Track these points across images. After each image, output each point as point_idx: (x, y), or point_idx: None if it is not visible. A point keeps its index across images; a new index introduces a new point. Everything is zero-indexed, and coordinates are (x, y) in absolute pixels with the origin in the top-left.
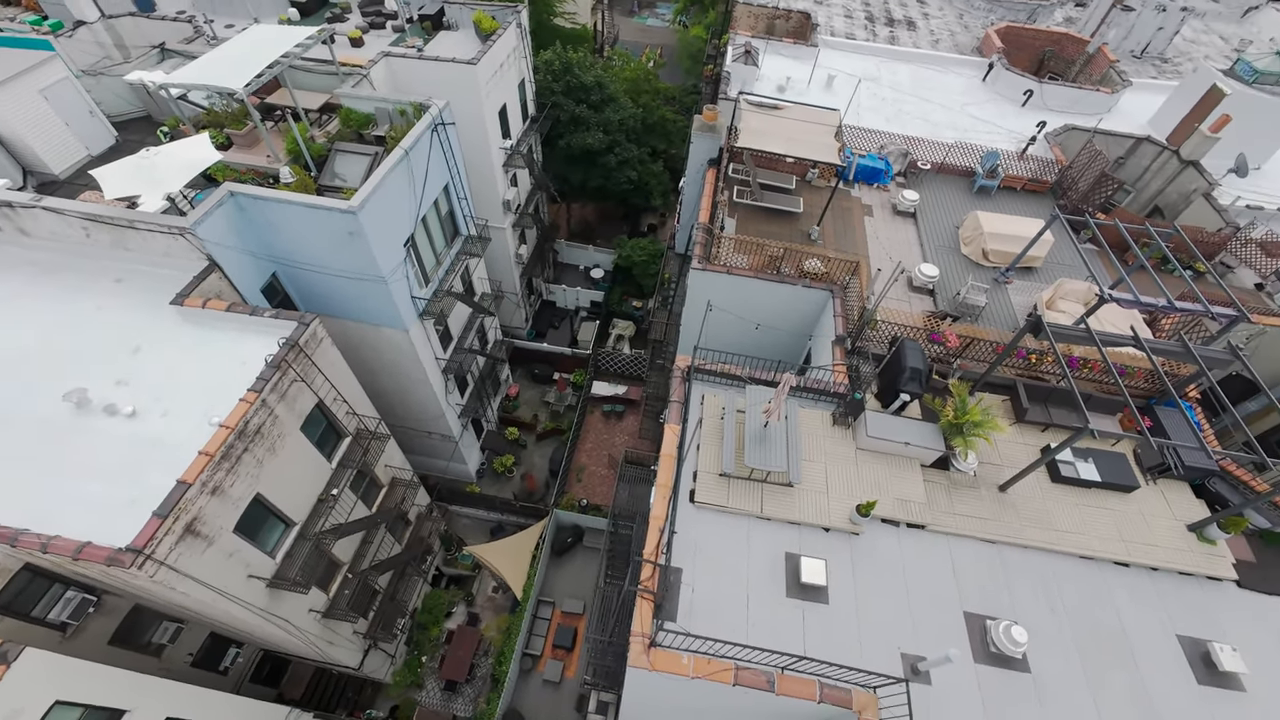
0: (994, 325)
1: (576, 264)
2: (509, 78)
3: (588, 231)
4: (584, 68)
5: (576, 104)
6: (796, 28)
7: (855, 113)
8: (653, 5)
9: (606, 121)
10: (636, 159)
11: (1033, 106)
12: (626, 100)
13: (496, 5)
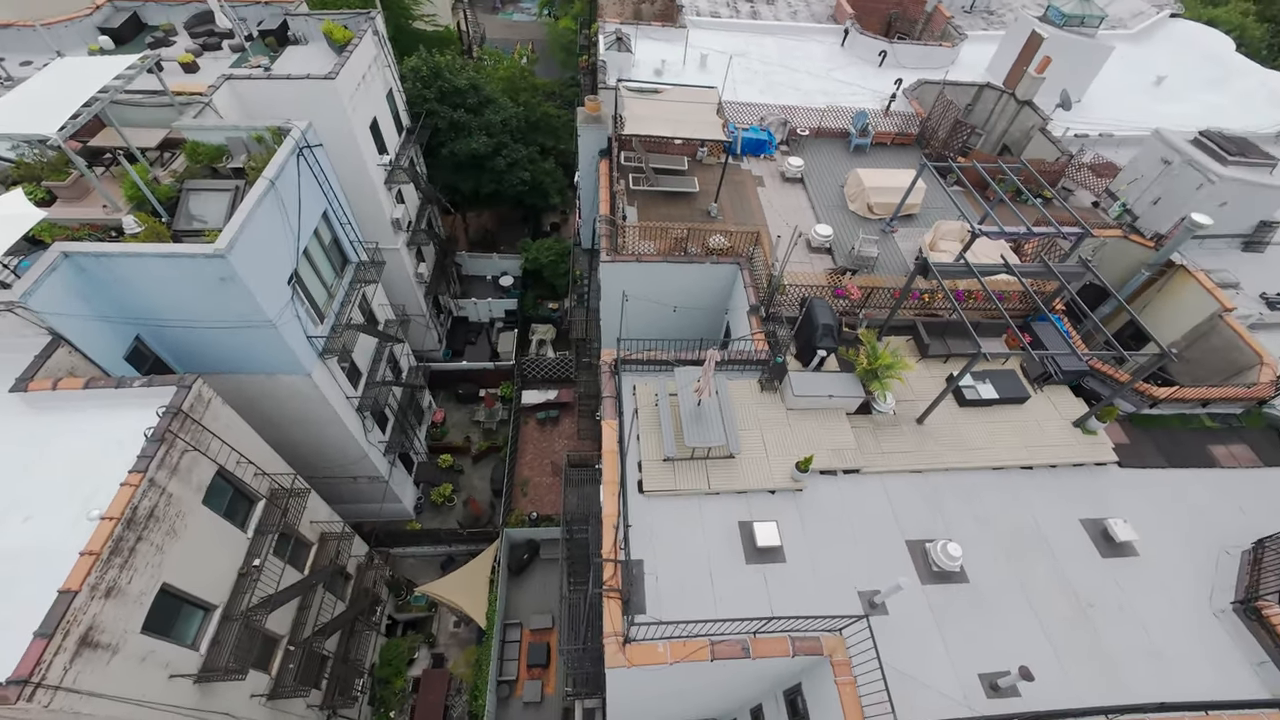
0: (888, 273)
1: (483, 274)
2: (375, 89)
3: (489, 239)
4: (455, 71)
5: (454, 109)
6: (663, 10)
7: (731, 88)
8: (516, 0)
9: (488, 124)
10: (526, 159)
11: (888, 66)
12: (505, 100)
13: (346, 13)
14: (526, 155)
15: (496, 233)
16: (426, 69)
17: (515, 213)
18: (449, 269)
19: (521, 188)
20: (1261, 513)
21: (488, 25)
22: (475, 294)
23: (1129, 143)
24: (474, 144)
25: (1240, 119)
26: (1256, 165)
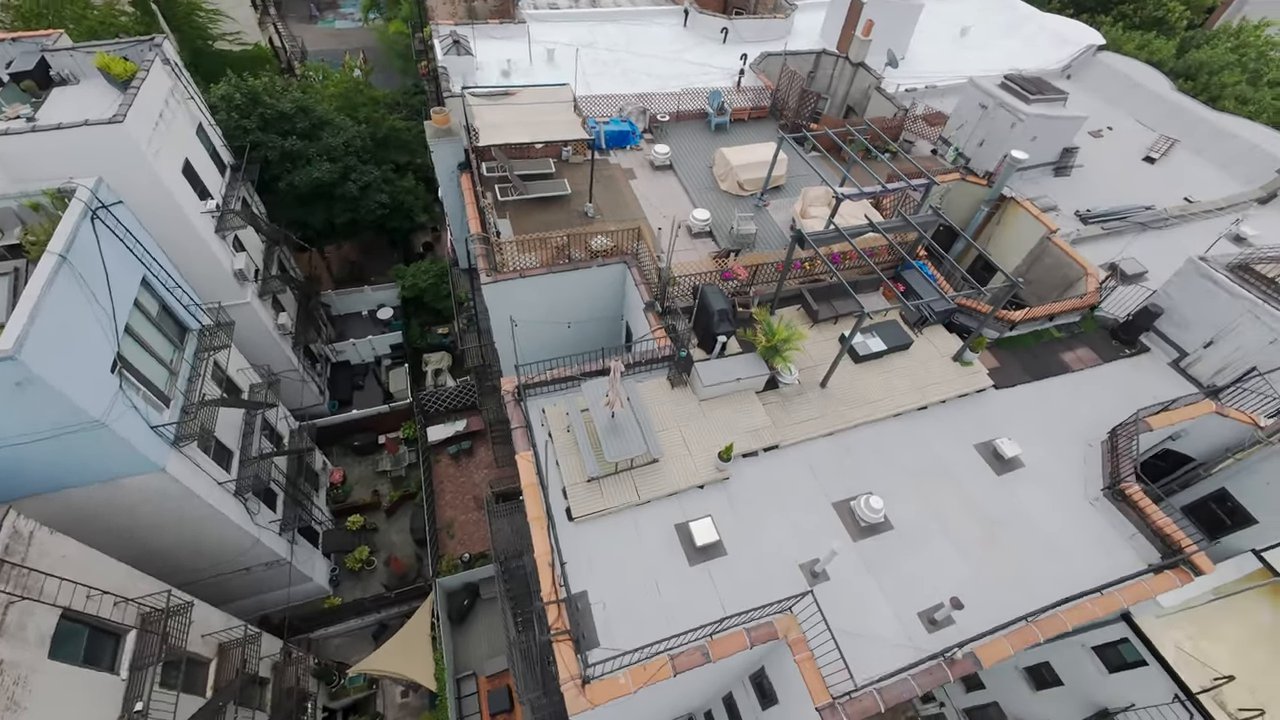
0: (768, 246)
1: (357, 310)
2: (180, 127)
3: (357, 272)
4: (276, 94)
5: (283, 137)
6: (498, 7)
7: (585, 82)
8: (335, 5)
9: (328, 149)
10: (380, 179)
11: (732, 42)
12: (344, 119)
13: (122, 43)
14: (380, 175)
15: (364, 263)
16: (240, 95)
17: (381, 239)
18: (316, 313)
19: (381, 212)
20: (1108, 404)
21: (307, 36)
22: (353, 334)
23: (950, 91)
24: (315, 172)
25: (1033, 59)
26: (1053, 100)
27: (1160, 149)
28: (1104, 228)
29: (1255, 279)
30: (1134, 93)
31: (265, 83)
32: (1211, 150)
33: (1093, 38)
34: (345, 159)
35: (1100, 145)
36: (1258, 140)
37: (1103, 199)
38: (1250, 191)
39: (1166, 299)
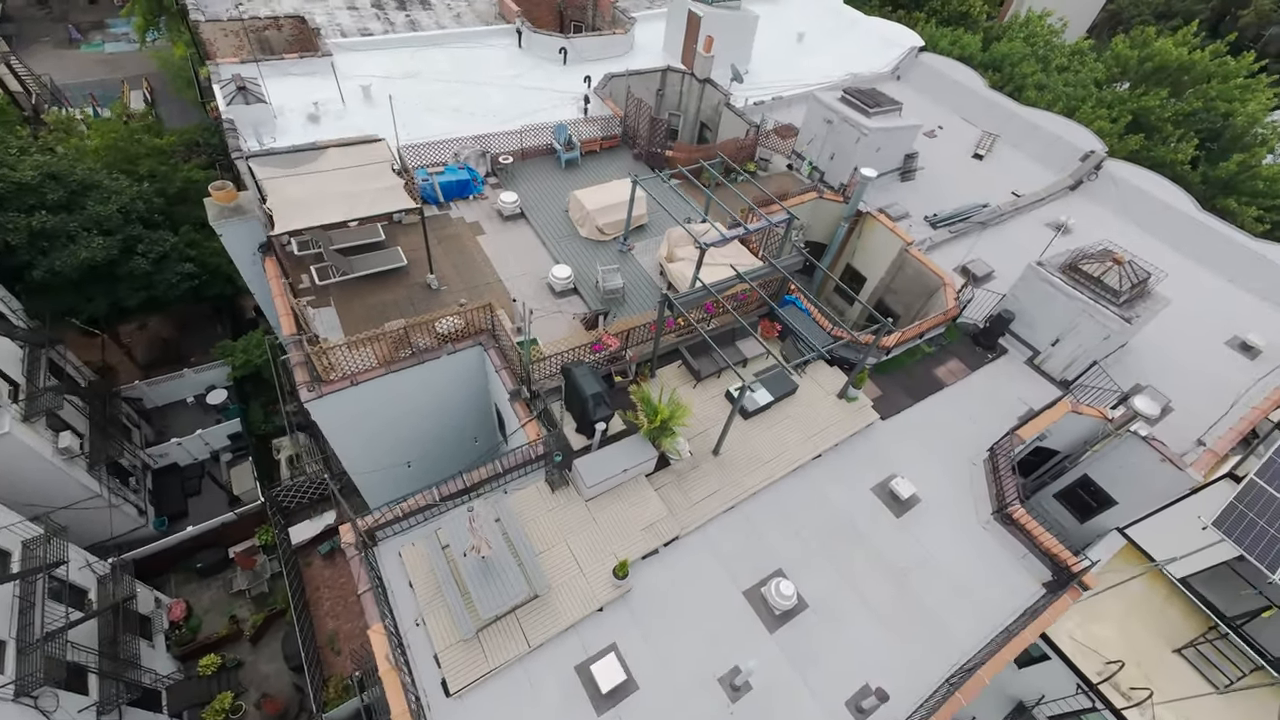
0: (640, 297)
1: (181, 398)
2: None
3: (172, 351)
4: (9, 159)
5: (28, 214)
6: (296, 37)
7: (412, 122)
8: (102, 26)
9: (98, 219)
10: (182, 244)
11: (573, 62)
12: (117, 179)
13: None
14: (181, 239)
15: (180, 340)
16: None
17: (199, 308)
18: (117, 415)
19: (188, 284)
20: (983, 414)
21: (71, 65)
22: (177, 429)
23: (797, 100)
24: (83, 252)
25: (865, 62)
26: (890, 111)
27: (985, 145)
28: (951, 231)
29: (1084, 279)
30: (955, 90)
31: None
32: (1027, 143)
33: (913, 40)
34: (126, 228)
35: (936, 145)
36: (1059, 132)
37: (946, 200)
38: (1063, 180)
39: (1015, 302)
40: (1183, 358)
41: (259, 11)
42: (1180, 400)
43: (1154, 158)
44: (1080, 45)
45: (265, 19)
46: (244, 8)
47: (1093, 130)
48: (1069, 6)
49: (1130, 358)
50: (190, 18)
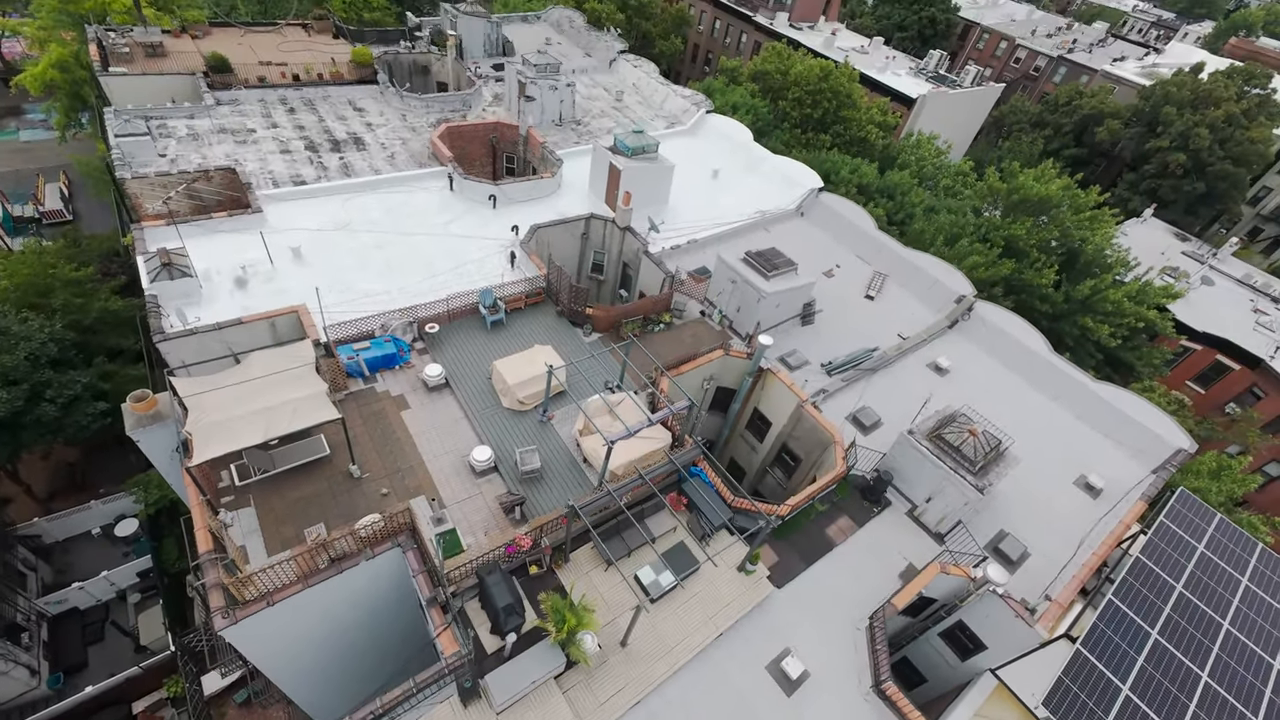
0: (557, 472)
1: (87, 529)
2: None
3: (79, 477)
4: None
5: None
6: (226, 189)
7: (344, 279)
8: (18, 112)
9: (1, 370)
10: (96, 377)
11: (503, 205)
12: (28, 318)
13: None
14: (96, 373)
15: (87, 466)
16: None
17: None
18: (11, 562)
19: (100, 422)
20: (869, 572)
21: None
22: (80, 566)
23: (710, 242)
24: None
25: (773, 198)
26: (786, 272)
27: (876, 286)
28: (843, 379)
29: (946, 448)
30: (851, 230)
31: None
32: (911, 283)
33: (813, 180)
34: (34, 375)
35: (834, 285)
36: (938, 275)
37: (841, 342)
38: (941, 321)
39: (894, 462)
40: (1039, 500)
41: (190, 158)
42: (1037, 543)
43: (1024, 280)
44: (963, 166)
45: (195, 172)
46: (174, 159)
47: (969, 264)
48: (955, 122)
49: (997, 501)
50: (117, 174)
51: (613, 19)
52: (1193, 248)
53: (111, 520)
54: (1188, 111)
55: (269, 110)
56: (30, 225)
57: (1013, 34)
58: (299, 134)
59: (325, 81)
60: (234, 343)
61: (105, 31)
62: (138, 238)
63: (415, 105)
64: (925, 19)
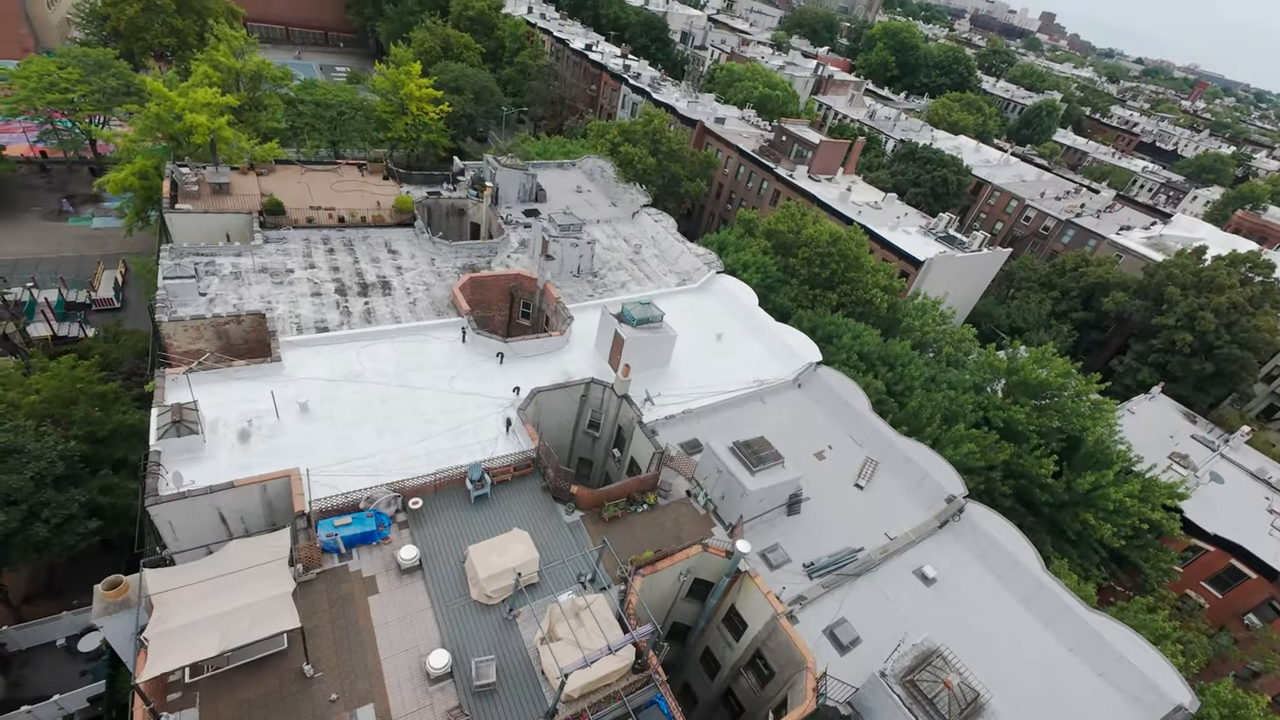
0: (510, 688)
1: (52, 639)
2: None
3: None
4: None
5: None
6: (254, 332)
7: (343, 435)
8: (97, 200)
9: (4, 490)
10: (95, 491)
11: (510, 360)
12: (47, 431)
13: None
14: (96, 484)
15: (66, 572)
16: None
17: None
18: None
19: (89, 540)
20: None
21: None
22: (36, 679)
23: (706, 412)
24: None
25: (772, 367)
26: (773, 467)
27: (866, 474)
28: (824, 585)
29: (920, 699)
30: (845, 411)
31: None
32: (902, 474)
33: (812, 354)
34: (35, 495)
35: (824, 468)
36: (929, 469)
37: (827, 537)
38: (931, 521)
39: (865, 700)
40: None
41: (228, 297)
42: None
43: (1022, 466)
44: (966, 333)
45: (227, 316)
46: (213, 298)
47: (964, 451)
48: (962, 281)
49: None
50: (156, 317)
51: (644, 162)
52: (1203, 431)
53: (79, 631)
54: (1192, 294)
55: (311, 250)
56: (80, 311)
57: (1022, 194)
58: (333, 275)
59: (367, 224)
60: (223, 506)
61: (179, 168)
62: (159, 385)
63: (444, 250)
64: (938, 178)
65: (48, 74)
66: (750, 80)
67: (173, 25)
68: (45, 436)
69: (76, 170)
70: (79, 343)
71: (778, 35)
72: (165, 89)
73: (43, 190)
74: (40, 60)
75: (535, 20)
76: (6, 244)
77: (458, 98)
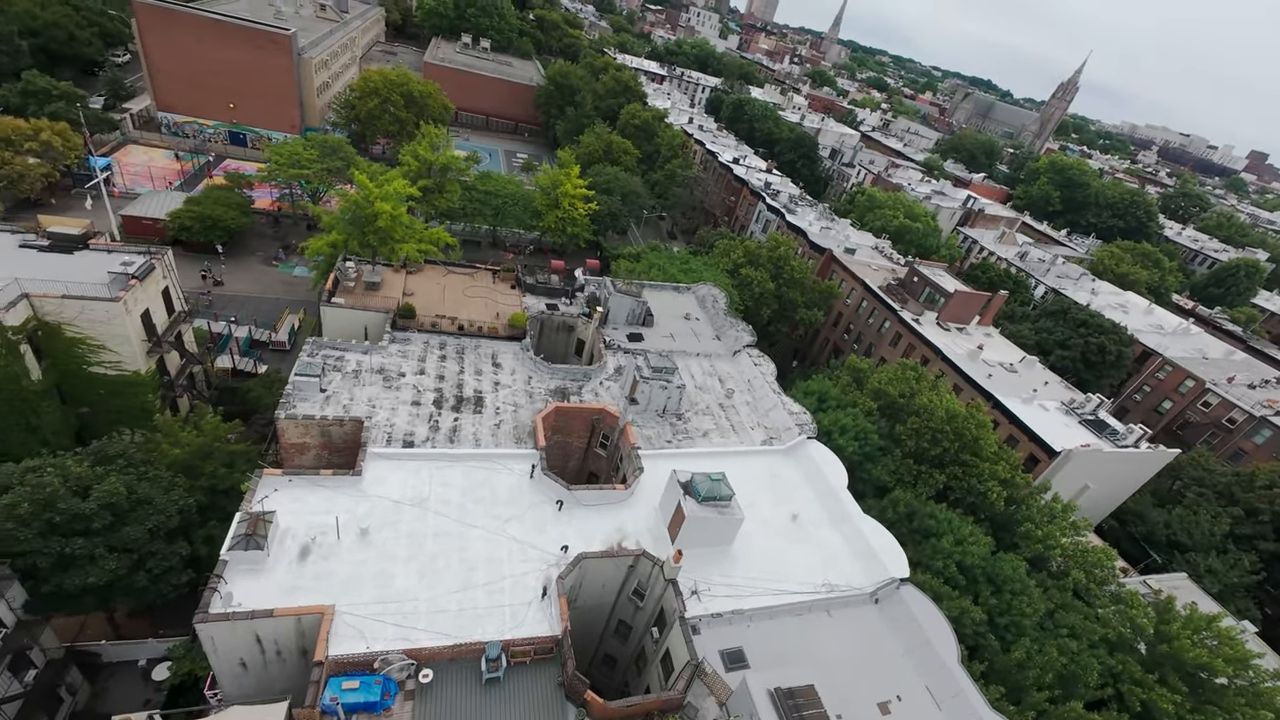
0: None
1: (136, 659)
2: None
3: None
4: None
5: (66, 538)
6: (350, 438)
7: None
8: (303, 251)
9: (125, 540)
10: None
11: (569, 507)
12: (176, 483)
13: None
14: (202, 534)
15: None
16: (29, 504)
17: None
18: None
19: (182, 591)
20: None
21: (263, 280)
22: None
23: (759, 616)
24: (90, 577)
25: (848, 572)
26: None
27: None
28: None
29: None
30: (926, 650)
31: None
32: None
33: (898, 566)
34: (147, 545)
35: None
36: None
37: None
38: None
39: None
40: None
41: (341, 397)
42: None
43: None
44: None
45: (333, 419)
46: (330, 395)
47: None
48: (1108, 478)
49: None
50: (276, 413)
51: (763, 286)
52: None
53: (159, 656)
54: None
55: (427, 354)
56: (259, 349)
57: (1203, 375)
58: (436, 384)
59: (482, 334)
60: (261, 632)
61: (345, 263)
62: (253, 484)
63: (542, 371)
64: (1093, 345)
65: (295, 153)
66: (891, 209)
67: (398, 116)
68: (174, 489)
69: (297, 225)
70: (251, 377)
71: (931, 160)
72: (367, 180)
73: (269, 239)
74: (294, 142)
75: (693, 130)
76: (234, 282)
77: (606, 198)
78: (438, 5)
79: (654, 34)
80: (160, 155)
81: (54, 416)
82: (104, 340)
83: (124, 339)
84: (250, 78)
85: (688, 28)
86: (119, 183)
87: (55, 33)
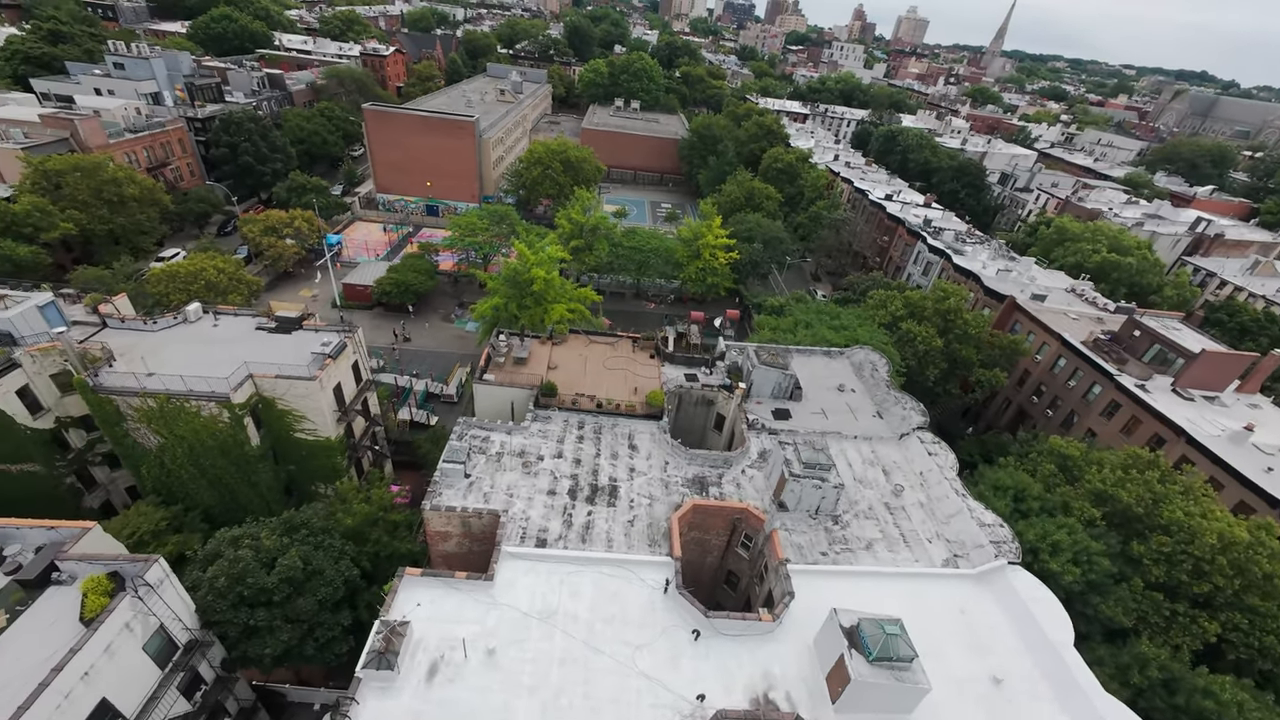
0: None
1: (313, 703)
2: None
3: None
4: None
5: (252, 609)
6: (488, 530)
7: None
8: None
9: (299, 611)
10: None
11: (707, 637)
12: (346, 551)
13: (125, 560)
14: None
15: None
16: (225, 578)
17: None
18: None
19: (342, 659)
20: None
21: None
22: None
23: None
24: (268, 647)
25: None
26: None
27: None
28: None
29: None
30: None
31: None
32: None
33: None
34: (316, 616)
35: None
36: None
37: None
38: None
39: None
40: None
41: (483, 484)
42: None
43: None
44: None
45: (472, 511)
46: (473, 481)
47: None
48: None
49: None
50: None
51: (929, 343)
52: None
53: (332, 703)
54: None
55: (565, 434)
56: (432, 402)
57: None
58: (573, 469)
59: (619, 412)
60: None
61: (497, 338)
62: (395, 585)
63: (679, 457)
64: None
65: (471, 223)
66: (1089, 240)
67: (557, 180)
68: (342, 559)
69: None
70: (426, 429)
71: (1134, 175)
72: (525, 248)
73: (449, 297)
74: (471, 212)
75: (839, 168)
76: (418, 337)
77: (746, 245)
78: (595, 76)
79: (795, 74)
80: (376, 229)
81: (269, 475)
82: (305, 411)
83: (319, 411)
84: (443, 159)
85: (830, 63)
86: (345, 254)
87: (314, 139)
